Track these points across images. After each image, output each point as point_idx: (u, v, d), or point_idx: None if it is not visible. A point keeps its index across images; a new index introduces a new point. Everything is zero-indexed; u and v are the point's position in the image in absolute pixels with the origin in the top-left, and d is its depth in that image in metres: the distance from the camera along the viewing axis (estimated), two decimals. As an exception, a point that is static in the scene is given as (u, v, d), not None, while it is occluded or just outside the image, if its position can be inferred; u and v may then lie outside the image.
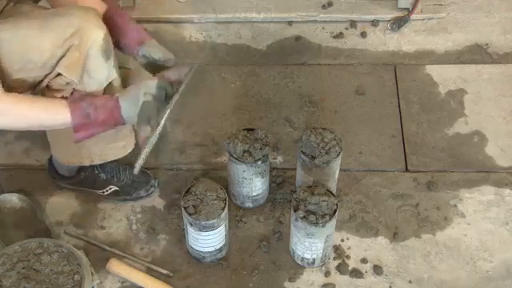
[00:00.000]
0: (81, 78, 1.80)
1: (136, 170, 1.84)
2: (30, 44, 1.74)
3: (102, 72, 1.83)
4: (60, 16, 1.79)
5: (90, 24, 1.77)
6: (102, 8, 1.90)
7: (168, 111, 1.78)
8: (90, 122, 1.71)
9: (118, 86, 1.90)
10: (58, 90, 1.83)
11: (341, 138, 1.99)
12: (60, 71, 1.77)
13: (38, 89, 1.83)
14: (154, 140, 1.80)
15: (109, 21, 1.87)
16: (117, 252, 1.99)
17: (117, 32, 1.88)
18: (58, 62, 1.77)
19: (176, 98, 1.80)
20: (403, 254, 2.01)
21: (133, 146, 2.06)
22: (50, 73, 1.79)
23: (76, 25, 1.76)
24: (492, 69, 2.48)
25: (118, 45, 1.90)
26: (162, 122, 1.84)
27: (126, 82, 1.95)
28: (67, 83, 1.81)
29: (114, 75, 1.87)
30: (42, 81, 1.81)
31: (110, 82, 1.87)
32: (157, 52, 1.88)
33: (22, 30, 1.75)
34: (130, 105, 1.73)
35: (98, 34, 1.78)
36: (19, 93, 1.83)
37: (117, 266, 1.94)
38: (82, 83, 1.81)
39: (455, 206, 2.11)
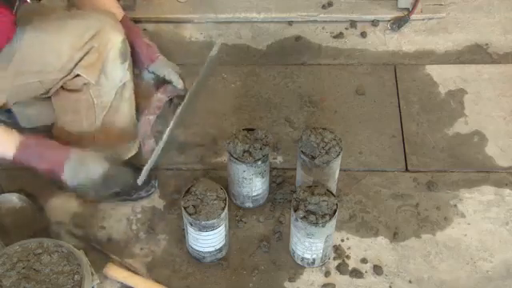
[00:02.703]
0: (98, 79, 1.82)
1: (140, 181, 1.87)
2: (49, 47, 1.76)
3: (117, 74, 1.86)
4: (78, 19, 1.81)
5: (109, 27, 1.80)
6: (119, 15, 1.93)
7: (172, 124, 1.80)
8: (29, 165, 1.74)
9: (130, 90, 1.93)
10: (74, 91, 1.85)
11: (341, 137, 1.99)
12: (79, 72, 1.80)
13: (52, 90, 1.85)
14: (158, 152, 1.83)
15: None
16: (115, 258, 2.00)
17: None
18: (76, 65, 1.79)
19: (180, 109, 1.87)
20: (403, 253, 2.01)
21: (136, 150, 2.07)
22: (66, 75, 1.80)
23: (95, 28, 1.78)
24: (492, 69, 2.48)
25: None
26: (166, 136, 1.87)
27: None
28: (84, 84, 1.83)
29: (127, 77, 1.89)
30: (57, 83, 1.83)
31: (124, 84, 1.89)
32: (165, 71, 2.00)
33: (42, 32, 1.77)
34: (72, 174, 1.76)
35: (117, 37, 1.81)
36: (35, 96, 1.86)
37: (114, 271, 1.94)
38: (98, 84, 1.84)
39: (455, 206, 2.11)
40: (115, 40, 1.81)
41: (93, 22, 1.79)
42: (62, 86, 1.85)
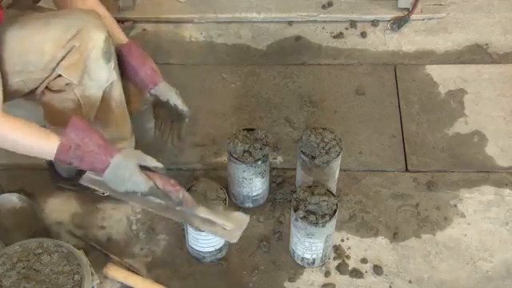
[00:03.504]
0: (81, 79, 1.80)
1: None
2: (31, 45, 1.75)
3: (102, 74, 1.83)
4: (61, 18, 1.80)
5: (91, 25, 1.78)
6: (123, 40, 1.93)
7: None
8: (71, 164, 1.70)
9: (119, 88, 1.91)
10: (58, 91, 1.84)
11: (341, 137, 1.99)
12: (60, 72, 1.78)
13: (37, 91, 1.84)
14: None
15: (125, 54, 1.90)
16: (115, 258, 1.99)
17: (132, 66, 1.91)
18: (57, 64, 1.77)
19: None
20: (403, 253, 2.01)
21: (132, 148, 2.06)
22: (50, 75, 1.79)
23: (77, 26, 1.76)
24: (492, 69, 2.48)
25: (131, 78, 1.94)
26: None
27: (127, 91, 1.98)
28: (67, 84, 1.81)
29: (114, 77, 1.88)
30: (41, 83, 1.82)
31: (111, 83, 1.88)
32: (168, 95, 1.96)
33: (23, 31, 1.76)
34: (114, 179, 1.71)
35: (99, 36, 1.79)
36: (20, 97, 1.84)
37: (114, 271, 1.94)
38: (82, 84, 1.82)
39: (455, 206, 2.11)
40: (97, 39, 1.79)
41: (75, 20, 1.78)
42: (47, 87, 1.84)
